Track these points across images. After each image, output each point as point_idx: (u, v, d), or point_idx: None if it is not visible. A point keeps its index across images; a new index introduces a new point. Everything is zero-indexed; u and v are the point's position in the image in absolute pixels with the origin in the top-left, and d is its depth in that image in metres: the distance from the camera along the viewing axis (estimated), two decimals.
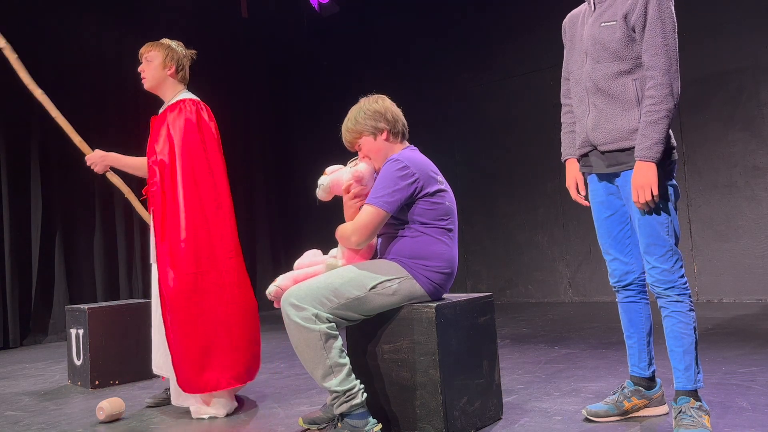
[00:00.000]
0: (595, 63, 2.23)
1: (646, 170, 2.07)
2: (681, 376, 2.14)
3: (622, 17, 2.16)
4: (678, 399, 2.13)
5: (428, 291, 2.37)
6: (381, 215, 2.29)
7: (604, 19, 2.21)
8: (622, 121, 2.17)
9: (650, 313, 2.41)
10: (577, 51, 2.35)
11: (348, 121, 2.46)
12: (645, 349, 2.39)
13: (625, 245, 2.35)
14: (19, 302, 5.82)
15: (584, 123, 2.29)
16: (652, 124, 2.07)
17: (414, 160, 2.35)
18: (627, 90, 2.17)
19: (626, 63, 2.17)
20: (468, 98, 7.14)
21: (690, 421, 2.06)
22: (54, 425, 2.84)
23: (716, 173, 5.69)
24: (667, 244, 2.14)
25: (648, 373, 2.39)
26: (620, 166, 2.22)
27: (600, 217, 2.39)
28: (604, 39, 2.20)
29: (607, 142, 2.21)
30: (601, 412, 2.35)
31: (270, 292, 2.41)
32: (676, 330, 2.14)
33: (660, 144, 2.07)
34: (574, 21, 2.41)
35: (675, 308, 2.15)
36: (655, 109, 2.07)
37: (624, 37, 2.16)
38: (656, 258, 2.14)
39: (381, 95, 2.51)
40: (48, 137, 6.18)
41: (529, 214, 6.83)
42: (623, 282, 2.38)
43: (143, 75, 3.02)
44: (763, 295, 5.40)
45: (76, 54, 6.44)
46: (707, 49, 5.70)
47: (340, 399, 2.21)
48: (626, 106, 2.17)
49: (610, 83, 2.19)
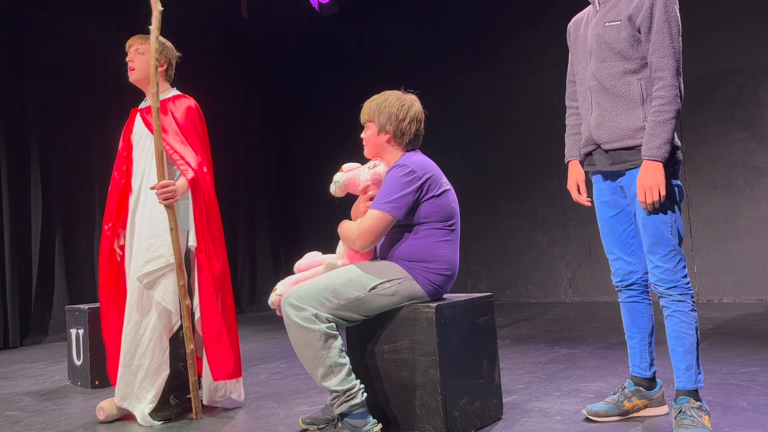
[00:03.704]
0: (600, 62, 2.24)
1: (654, 170, 2.08)
2: (682, 375, 2.14)
3: (626, 17, 2.17)
4: (678, 399, 2.14)
5: (428, 292, 2.37)
6: (387, 220, 2.30)
7: (608, 19, 2.22)
8: (627, 119, 2.18)
9: (652, 314, 2.41)
10: (580, 51, 2.36)
11: (372, 102, 2.49)
12: (647, 350, 2.39)
13: (629, 245, 2.35)
14: (19, 302, 5.82)
15: (588, 121, 2.30)
16: (661, 124, 2.08)
17: (419, 163, 2.35)
18: (632, 89, 2.18)
19: (632, 63, 2.18)
20: (468, 98, 7.14)
21: (690, 421, 2.06)
22: (54, 425, 2.84)
23: (716, 173, 5.69)
24: (671, 243, 2.14)
25: (649, 373, 2.39)
26: (625, 164, 2.22)
27: (604, 216, 2.39)
28: (609, 38, 2.21)
29: (611, 140, 2.22)
30: (601, 411, 2.35)
31: (272, 302, 2.40)
32: (677, 330, 2.15)
33: (668, 144, 2.08)
34: (578, 24, 2.43)
35: (677, 308, 2.14)
36: (664, 109, 2.09)
37: (629, 37, 2.17)
38: (659, 257, 2.15)
39: (414, 98, 2.51)
40: (48, 137, 6.19)
41: (529, 214, 6.83)
42: (626, 281, 2.38)
43: (132, 66, 2.97)
44: (763, 295, 5.40)
45: (76, 54, 6.44)
46: (707, 49, 5.70)
47: (340, 399, 2.21)
48: (631, 105, 2.18)
49: (615, 82, 2.20)
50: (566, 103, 2.55)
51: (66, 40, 6.39)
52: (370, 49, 7.94)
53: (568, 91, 2.54)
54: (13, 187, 5.91)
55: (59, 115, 6.28)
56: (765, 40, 5.45)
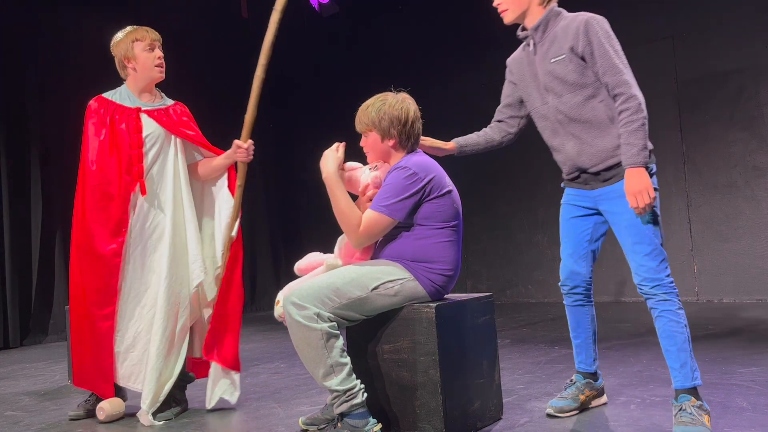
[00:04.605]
0: (559, 97, 2.35)
1: (639, 175, 2.15)
2: (678, 374, 2.19)
3: (569, 50, 2.29)
4: (678, 397, 2.18)
5: (430, 292, 2.37)
6: (386, 222, 2.30)
7: (552, 55, 2.34)
8: (604, 141, 2.29)
9: (595, 315, 2.59)
10: (533, 89, 2.46)
11: (369, 109, 2.42)
12: (591, 347, 2.57)
13: (582, 247, 2.48)
14: (19, 302, 5.82)
15: (566, 152, 2.40)
16: (634, 132, 2.17)
17: (421, 165, 2.35)
18: (598, 113, 2.29)
19: (588, 89, 2.29)
20: (468, 98, 7.13)
21: (689, 419, 2.09)
22: (54, 425, 2.84)
23: (716, 173, 5.69)
24: (653, 242, 2.22)
25: (593, 368, 2.57)
26: (614, 178, 2.31)
27: (565, 217, 2.53)
28: (559, 73, 2.32)
29: (595, 164, 2.33)
30: (566, 407, 2.47)
31: (278, 315, 2.39)
32: (667, 329, 2.21)
33: (645, 150, 2.17)
34: (519, 62, 2.55)
35: (664, 307, 2.21)
36: (633, 119, 2.17)
37: (578, 67, 2.28)
38: (642, 256, 2.22)
39: (407, 96, 2.48)
40: (48, 137, 6.18)
41: (529, 214, 6.82)
42: (570, 283, 2.53)
43: (161, 63, 2.94)
44: (763, 295, 5.40)
45: (75, 53, 6.43)
46: (707, 49, 5.70)
47: (341, 398, 2.21)
48: (602, 127, 2.29)
49: (580, 111, 2.31)
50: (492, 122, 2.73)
51: (65, 39, 6.39)
52: (370, 49, 7.94)
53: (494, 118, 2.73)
54: (13, 187, 5.90)
55: (59, 115, 6.27)
56: (765, 40, 5.44)
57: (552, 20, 2.37)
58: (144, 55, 2.90)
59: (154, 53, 2.91)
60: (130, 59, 2.90)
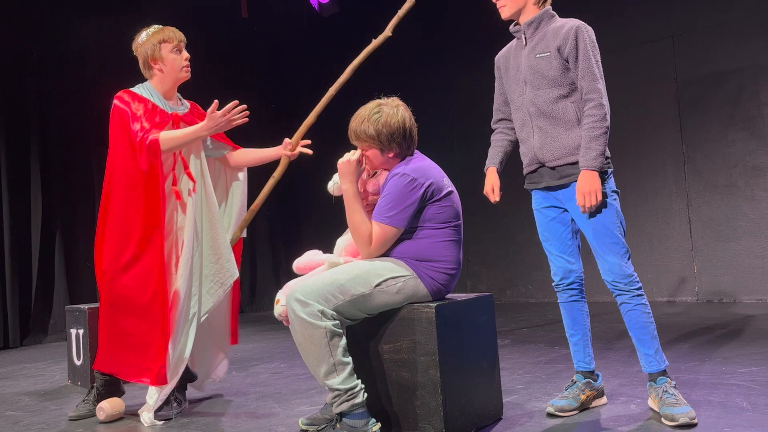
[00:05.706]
0: (536, 90, 2.47)
1: (591, 178, 2.33)
2: (652, 360, 2.39)
3: (555, 49, 2.42)
4: (657, 379, 2.36)
5: (431, 291, 2.37)
6: (393, 232, 2.34)
7: (538, 51, 2.47)
8: (567, 139, 2.42)
9: (588, 311, 2.65)
10: (514, 80, 2.59)
11: (364, 125, 2.39)
12: (589, 345, 2.62)
13: (567, 245, 2.59)
14: (19, 302, 5.82)
15: (531, 143, 2.52)
16: (595, 138, 2.33)
17: (420, 170, 2.35)
18: (567, 112, 2.42)
19: (563, 88, 2.43)
20: (468, 98, 7.14)
21: (674, 399, 2.26)
22: (54, 425, 2.84)
23: (716, 173, 5.69)
24: (620, 241, 2.39)
25: (592, 366, 2.59)
26: (569, 177, 2.45)
27: (544, 222, 2.64)
28: (541, 68, 2.45)
29: (555, 158, 2.46)
30: (566, 407, 2.48)
31: (279, 314, 2.39)
32: (641, 321, 2.39)
33: (602, 156, 2.34)
34: (507, 57, 2.68)
35: (638, 302, 2.39)
36: (596, 125, 2.34)
37: (560, 66, 2.42)
38: (612, 254, 2.38)
39: (400, 103, 2.46)
40: (48, 137, 6.18)
41: (529, 214, 6.80)
42: (567, 280, 2.59)
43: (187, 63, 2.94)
44: (763, 295, 5.40)
45: (74, 53, 6.44)
46: (707, 49, 5.71)
47: (341, 398, 2.21)
48: (568, 125, 2.43)
49: (552, 107, 2.44)
50: (492, 125, 2.81)
51: (64, 39, 6.39)
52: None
53: (494, 118, 2.79)
54: (13, 187, 5.90)
55: (59, 115, 6.28)
56: (765, 40, 5.45)
57: (545, 20, 2.51)
58: (172, 57, 2.88)
59: (182, 55, 2.91)
60: (157, 60, 2.87)
